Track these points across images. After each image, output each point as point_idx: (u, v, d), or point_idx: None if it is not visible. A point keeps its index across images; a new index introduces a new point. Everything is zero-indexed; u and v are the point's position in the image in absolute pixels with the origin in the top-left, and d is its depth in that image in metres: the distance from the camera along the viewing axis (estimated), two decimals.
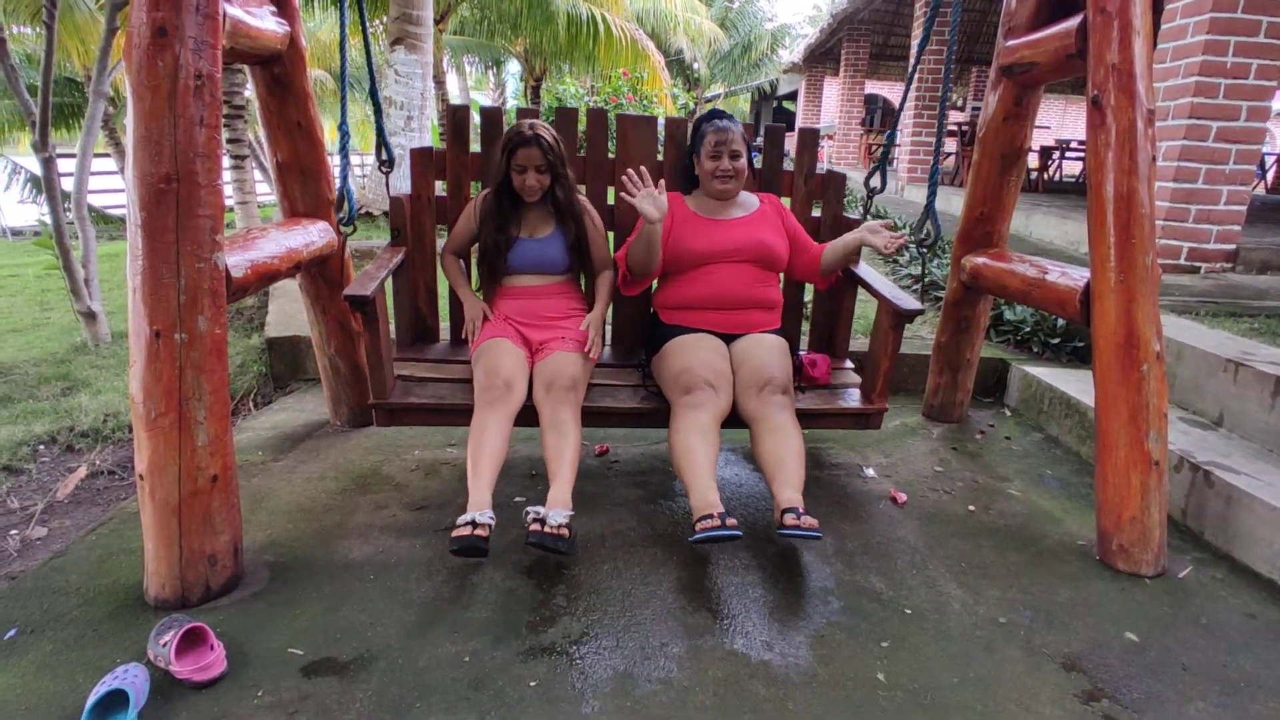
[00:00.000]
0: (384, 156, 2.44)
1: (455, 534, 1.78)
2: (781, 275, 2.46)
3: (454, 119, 2.58)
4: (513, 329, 2.27)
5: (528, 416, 2.11)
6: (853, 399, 2.35)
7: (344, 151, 2.37)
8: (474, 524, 1.79)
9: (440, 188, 2.59)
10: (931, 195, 2.45)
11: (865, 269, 2.43)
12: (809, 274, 2.44)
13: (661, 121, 2.64)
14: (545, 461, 2.00)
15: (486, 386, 2.06)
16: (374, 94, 2.40)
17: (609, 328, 2.64)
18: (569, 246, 2.33)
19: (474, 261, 2.47)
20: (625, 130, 2.57)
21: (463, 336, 2.36)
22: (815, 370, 2.41)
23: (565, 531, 1.82)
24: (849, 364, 2.63)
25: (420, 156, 2.53)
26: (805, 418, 2.21)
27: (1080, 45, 2.08)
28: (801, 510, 1.85)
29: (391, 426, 2.32)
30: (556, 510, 1.85)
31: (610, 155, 2.58)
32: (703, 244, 2.28)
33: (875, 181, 2.54)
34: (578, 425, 2.06)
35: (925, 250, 2.55)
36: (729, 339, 2.30)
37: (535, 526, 1.81)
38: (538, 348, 2.25)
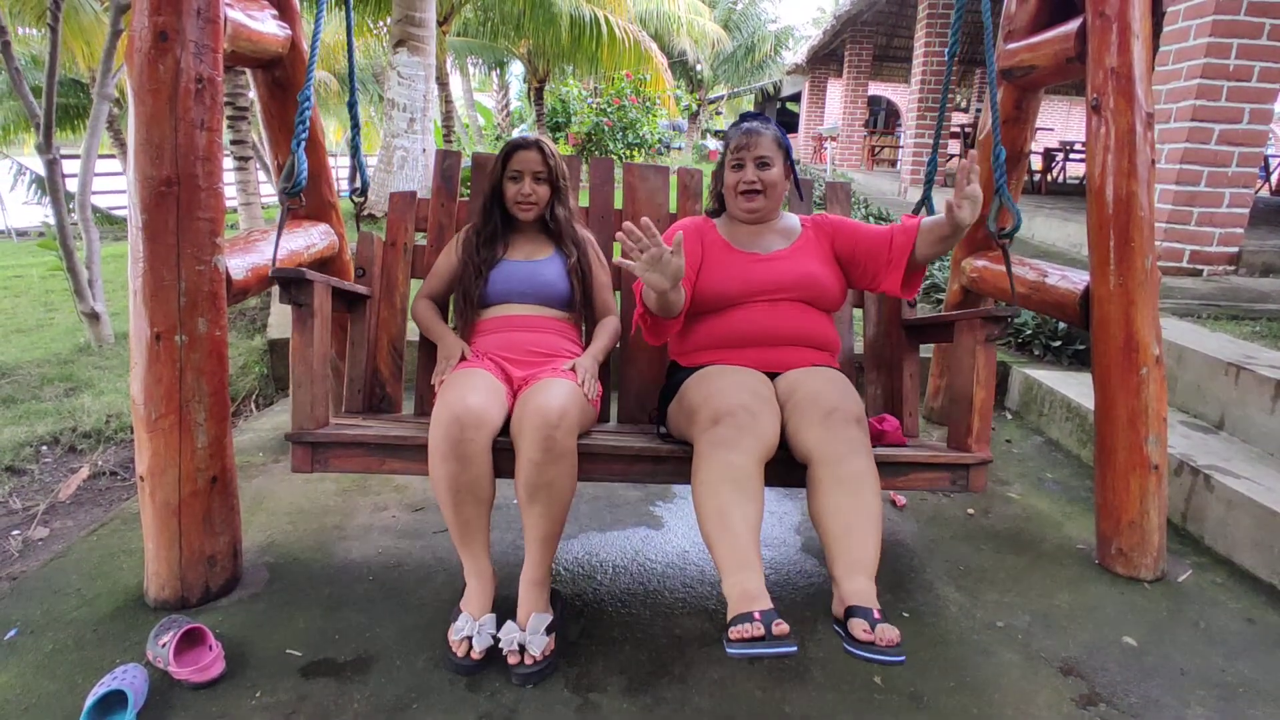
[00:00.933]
0: (357, 184, 2.11)
1: (453, 651, 1.56)
2: (840, 302, 1.93)
3: (443, 166, 2.29)
4: (492, 364, 1.82)
5: (502, 463, 1.64)
6: (943, 450, 1.84)
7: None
8: (470, 641, 1.56)
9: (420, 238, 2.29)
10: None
11: None
12: (891, 272, 1.85)
13: (674, 171, 2.38)
14: (524, 532, 1.62)
15: (446, 417, 1.57)
16: (352, 105, 2.12)
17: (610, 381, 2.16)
18: (569, 271, 1.97)
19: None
20: (632, 182, 2.31)
21: (432, 382, 1.87)
22: (885, 425, 1.90)
23: (550, 652, 1.56)
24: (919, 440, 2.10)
25: (401, 201, 2.25)
26: (890, 468, 1.70)
27: (1079, 49, 2.08)
28: (878, 614, 1.29)
29: (313, 473, 1.75)
30: (529, 628, 1.55)
31: (617, 207, 2.33)
32: (736, 285, 1.82)
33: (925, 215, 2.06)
34: (572, 472, 1.60)
35: None
36: (771, 376, 1.78)
37: (515, 661, 1.53)
38: (521, 384, 1.80)
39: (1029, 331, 3.51)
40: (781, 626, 1.23)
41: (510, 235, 2.01)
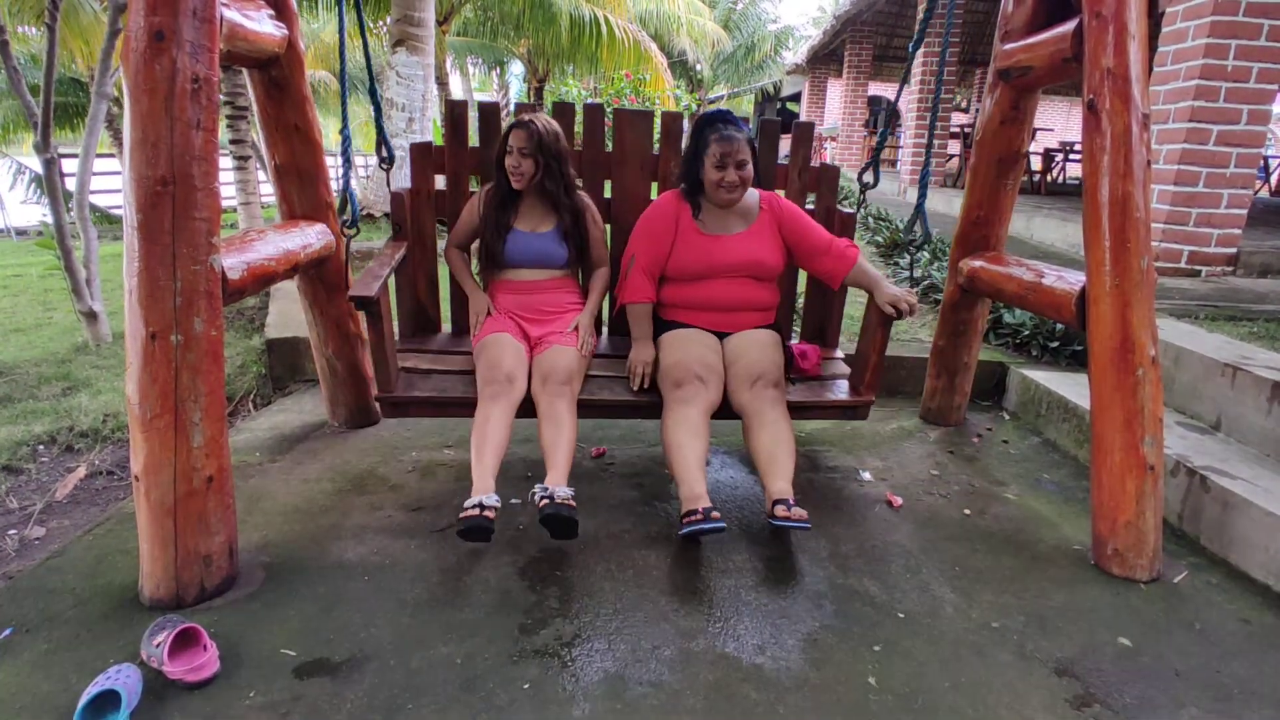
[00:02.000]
0: (384, 154, 2.47)
1: (462, 516, 1.85)
2: (781, 272, 2.44)
3: (452, 115, 2.59)
4: (513, 323, 2.35)
5: (527, 407, 2.18)
6: (841, 391, 2.40)
7: (346, 156, 2.38)
8: (481, 506, 1.86)
9: (440, 183, 2.61)
10: (922, 196, 2.45)
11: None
12: (825, 277, 2.40)
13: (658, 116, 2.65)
14: (542, 451, 2.07)
15: (489, 380, 2.14)
16: (373, 92, 2.43)
17: (606, 317, 2.72)
18: (564, 237, 2.39)
19: (474, 254, 2.54)
20: (622, 125, 2.60)
21: (472, 336, 2.41)
22: (806, 361, 2.44)
23: (573, 503, 1.92)
24: (839, 354, 2.68)
25: (420, 151, 2.55)
26: (795, 409, 2.26)
27: (1076, 49, 2.08)
28: (792, 501, 1.90)
29: (395, 418, 2.44)
30: (561, 487, 1.95)
31: (607, 150, 2.62)
32: (700, 264, 2.31)
33: (869, 177, 2.54)
34: (573, 417, 2.13)
35: (914, 251, 2.55)
36: (723, 335, 2.35)
37: (545, 502, 1.89)
38: (536, 341, 2.32)
39: (1027, 332, 3.51)
40: (715, 514, 1.86)
41: (518, 202, 2.38)
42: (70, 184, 3.97)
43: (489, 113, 2.62)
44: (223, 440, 1.79)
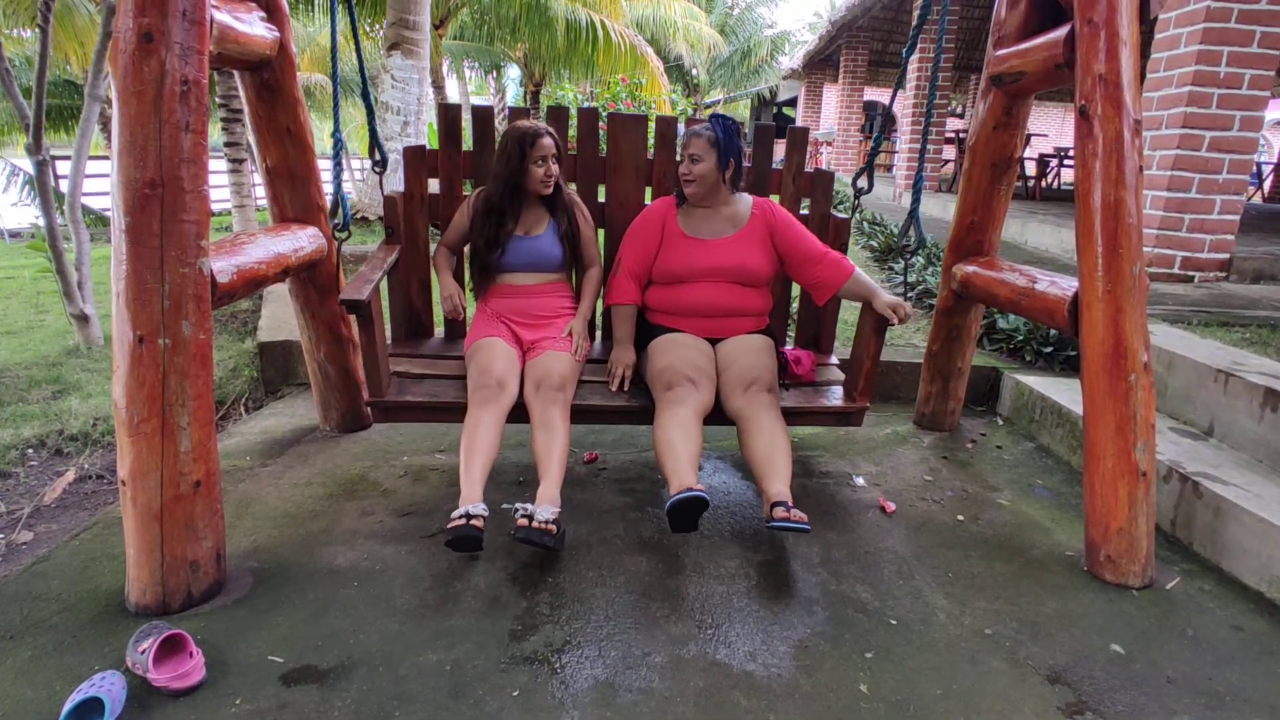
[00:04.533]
0: (377, 157, 2.46)
1: (450, 526, 1.83)
2: (771, 278, 2.42)
3: (446, 118, 2.59)
4: (505, 327, 2.33)
5: (519, 413, 2.17)
6: (835, 397, 2.39)
7: (337, 160, 2.36)
8: (468, 516, 1.84)
9: (433, 187, 2.61)
10: (915, 202, 2.45)
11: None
12: (813, 288, 2.37)
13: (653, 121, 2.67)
14: (535, 458, 2.04)
15: (479, 385, 2.13)
16: (366, 95, 2.42)
17: (600, 322, 2.69)
18: (562, 238, 2.39)
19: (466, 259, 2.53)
20: (616, 130, 2.59)
21: (445, 311, 2.42)
22: (799, 367, 2.44)
23: (552, 528, 1.87)
24: (834, 360, 2.68)
25: (413, 155, 2.55)
26: (789, 415, 2.25)
27: (1068, 55, 2.08)
28: (790, 503, 1.88)
29: (387, 423, 2.43)
30: (545, 506, 1.91)
31: (601, 154, 2.62)
32: (684, 267, 2.32)
33: (863, 182, 2.53)
34: (566, 424, 2.11)
35: (909, 256, 2.55)
36: (714, 342, 2.34)
37: (523, 521, 1.87)
38: (529, 346, 2.31)
39: (1021, 337, 3.51)
40: (699, 487, 1.85)
41: (519, 209, 2.36)
42: (63, 186, 3.95)
43: (484, 117, 2.63)
44: (211, 445, 1.77)
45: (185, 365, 1.68)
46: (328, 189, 2.44)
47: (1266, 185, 9.70)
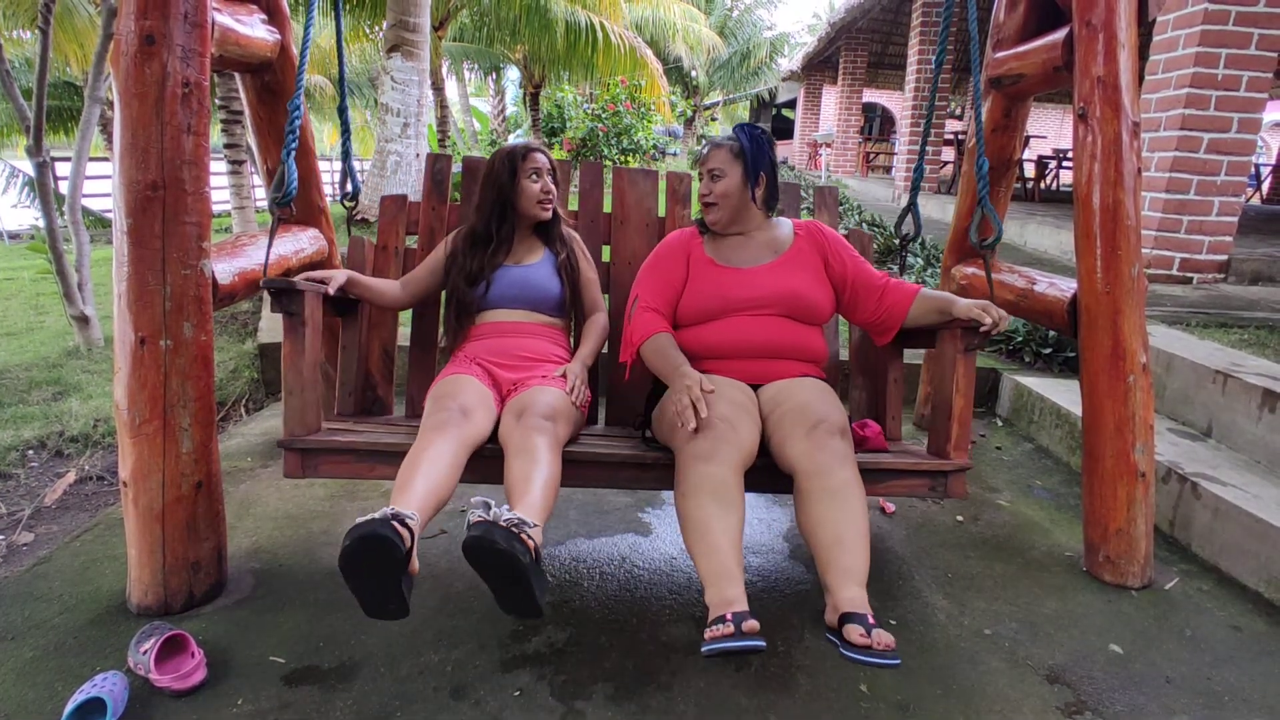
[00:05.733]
0: (349, 189, 2.18)
1: (358, 522, 1.30)
2: (829, 315, 1.95)
3: (433, 169, 2.29)
4: (479, 368, 1.87)
5: (489, 465, 1.66)
6: (922, 456, 1.86)
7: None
8: (394, 516, 1.31)
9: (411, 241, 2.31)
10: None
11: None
12: (876, 324, 1.93)
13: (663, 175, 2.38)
14: (507, 491, 1.53)
15: (435, 410, 1.65)
16: (343, 110, 2.20)
17: (604, 393, 2.18)
18: (559, 270, 2.02)
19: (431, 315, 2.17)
20: (621, 186, 2.33)
21: (331, 291, 1.85)
22: (867, 431, 1.95)
23: (525, 539, 1.32)
24: (907, 445, 2.08)
25: (392, 205, 2.26)
26: (870, 476, 1.70)
27: (1067, 58, 2.09)
28: (872, 619, 1.33)
29: (304, 478, 1.74)
30: (515, 510, 1.42)
31: (605, 211, 2.34)
32: (718, 298, 1.84)
33: (908, 227, 2.19)
34: (556, 458, 1.59)
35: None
36: (756, 388, 1.81)
37: (477, 519, 1.32)
38: (510, 388, 1.85)
39: (1020, 339, 3.52)
40: (751, 624, 1.27)
41: (510, 237, 2.03)
42: (63, 187, 3.95)
43: (473, 167, 2.28)
44: (212, 446, 1.78)
45: (187, 366, 1.69)
46: (327, 192, 2.44)
47: (1265, 187, 9.71)
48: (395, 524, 1.30)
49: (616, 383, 2.17)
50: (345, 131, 2.19)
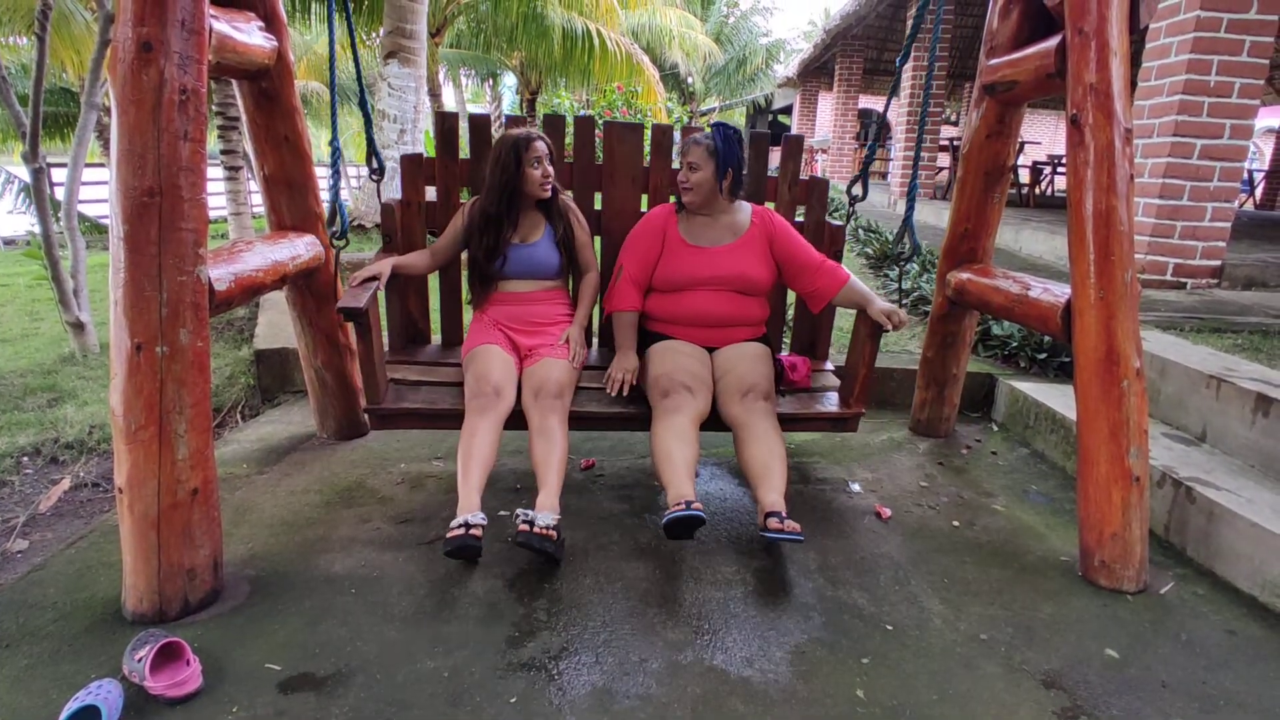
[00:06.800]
0: (374, 165, 2.46)
1: (449, 535, 1.85)
2: (770, 287, 2.44)
3: (443, 127, 2.62)
4: (502, 334, 2.35)
5: (517, 420, 2.18)
6: (831, 403, 2.42)
7: (335, 168, 2.35)
8: (467, 525, 1.86)
9: (430, 194, 2.63)
10: (910, 209, 2.47)
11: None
12: (808, 296, 2.42)
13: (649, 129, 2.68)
14: (534, 466, 2.05)
15: (476, 393, 2.14)
16: (364, 103, 2.43)
17: (597, 328, 2.72)
18: (558, 244, 2.41)
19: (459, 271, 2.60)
20: (612, 138, 2.62)
21: (355, 278, 2.26)
22: (795, 374, 2.47)
23: (553, 534, 1.89)
24: (829, 365, 2.71)
25: (411, 163, 2.57)
26: (785, 421, 2.29)
27: (1059, 65, 2.10)
28: (784, 514, 1.91)
29: (384, 430, 2.47)
30: (545, 513, 1.92)
31: (597, 162, 2.65)
32: (684, 274, 2.35)
33: (857, 190, 2.56)
34: (565, 431, 2.12)
35: (903, 264, 2.57)
36: (711, 350, 2.36)
37: (524, 527, 1.88)
38: (527, 353, 2.33)
39: (1015, 344, 3.53)
40: (697, 505, 1.86)
41: (516, 216, 2.38)
42: (59, 193, 3.95)
43: (480, 125, 2.64)
44: (208, 452, 1.78)
45: (183, 373, 1.69)
46: (325, 197, 2.45)
47: (1258, 192, 9.76)
48: (473, 532, 1.86)
49: (608, 327, 2.66)
50: (366, 119, 2.47)
